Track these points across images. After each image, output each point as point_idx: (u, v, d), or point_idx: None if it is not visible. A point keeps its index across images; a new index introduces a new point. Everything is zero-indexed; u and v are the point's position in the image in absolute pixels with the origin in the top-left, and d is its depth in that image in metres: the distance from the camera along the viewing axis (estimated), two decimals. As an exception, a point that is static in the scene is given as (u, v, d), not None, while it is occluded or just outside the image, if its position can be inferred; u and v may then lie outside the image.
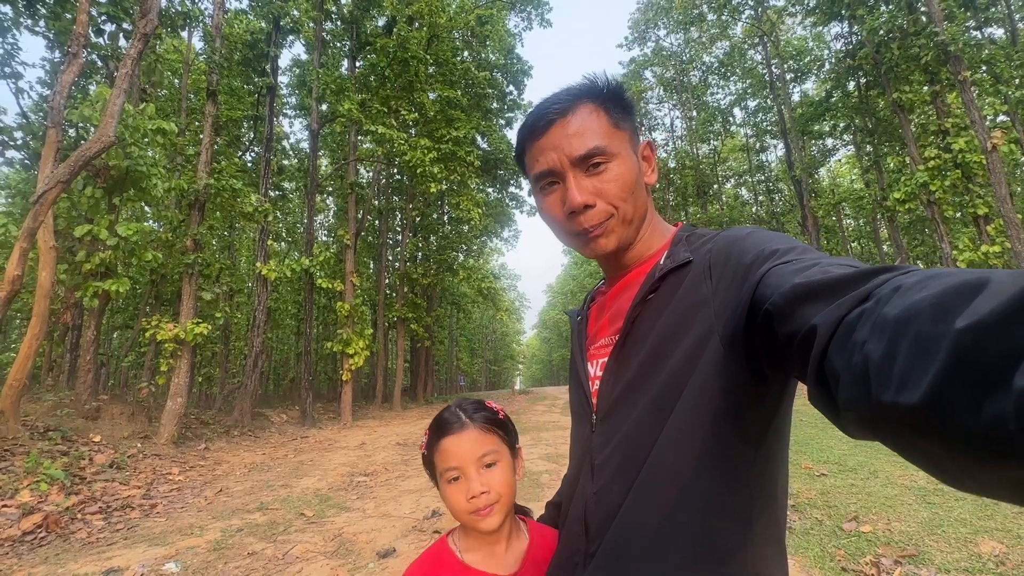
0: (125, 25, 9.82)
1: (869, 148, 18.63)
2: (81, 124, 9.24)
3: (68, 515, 4.50)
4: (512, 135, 21.52)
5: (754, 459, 0.61)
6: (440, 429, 0.85)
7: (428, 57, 14.72)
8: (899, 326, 0.30)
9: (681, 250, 0.71)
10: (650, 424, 0.64)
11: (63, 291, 8.28)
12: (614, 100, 0.74)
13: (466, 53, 18.23)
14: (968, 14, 13.56)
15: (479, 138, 18.49)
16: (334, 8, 15.11)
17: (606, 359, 0.73)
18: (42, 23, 10.11)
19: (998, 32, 15.78)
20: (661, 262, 0.72)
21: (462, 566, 0.84)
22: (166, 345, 8.95)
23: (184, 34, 13.70)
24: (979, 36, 14.43)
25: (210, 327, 9.58)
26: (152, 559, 3.56)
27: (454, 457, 0.82)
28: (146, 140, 7.64)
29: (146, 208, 12.48)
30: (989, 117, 13.96)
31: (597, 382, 0.75)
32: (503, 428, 0.87)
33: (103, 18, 9.64)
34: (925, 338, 0.28)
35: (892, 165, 18.15)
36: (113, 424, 7.59)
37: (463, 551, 0.86)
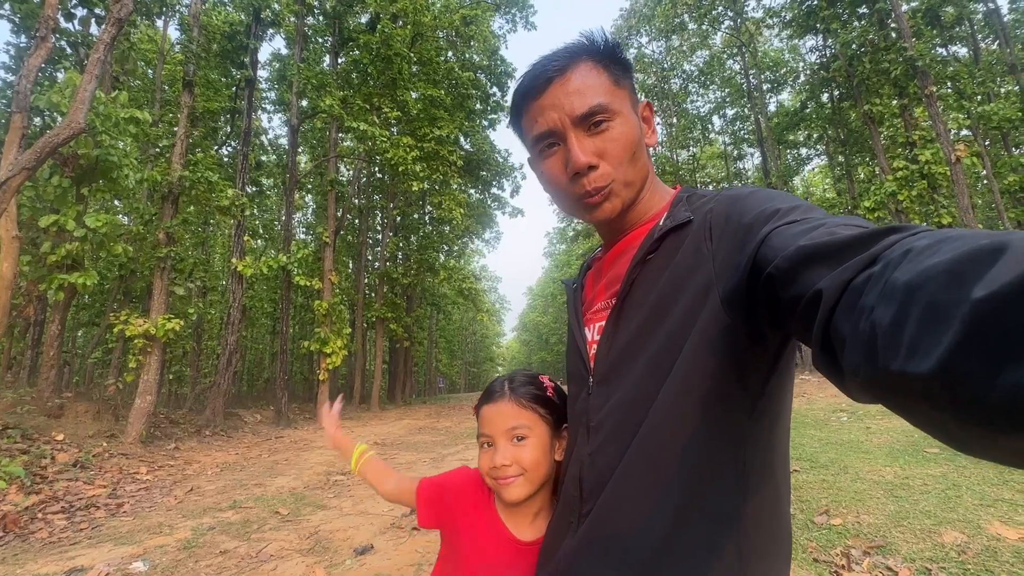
0: (97, 10, 9.52)
1: (841, 158, 19.24)
2: (48, 111, 8.90)
3: (28, 515, 4.30)
4: (495, 136, 21.58)
5: (751, 419, 0.61)
6: (485, 395, 0.89)
7: (412, 55, 14.65)
8: (909, 292, 0.29)
9: (681, 210, 0.69)
10: (647, 386, 0.63)
11: (25, 284, 7.94)
12: (613, 58, 0.71)
13: (450, 53, 18.19)
14: (935, 32, 14.16)
15: (462, 138, 18.47)
16: (316, 2, 14.91)
17: (603, 323, 0.72)
18: (7, 5, 9.71)
19: (962, 51, 16.51)
20: (660, 223, 0.70)
21: (492, 508, 0.89)
22: (135, 341, 8.66)
23: (159, 24, 13.35)
24: (944, 53, 15.08)
25: (182, 323, 9.31)
26: (118, 558, 3.44)
27: (487, 424, 0.86)
28: (118, 129, 7.39)
29: (116, 202, 12.10)
30: (953, 131, 14.57)
31: (594, 346, 0.73)
32: (547, 405, 0.87)
33: (74, 2, 9.33)
34: (938, 306, 0.27)
35: (862, 175, 18.79)
36: (77, 422, 7.31)
37: (498, 503, 0.90)
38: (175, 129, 11.78)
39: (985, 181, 18.58)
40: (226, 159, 16.30)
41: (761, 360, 0.59)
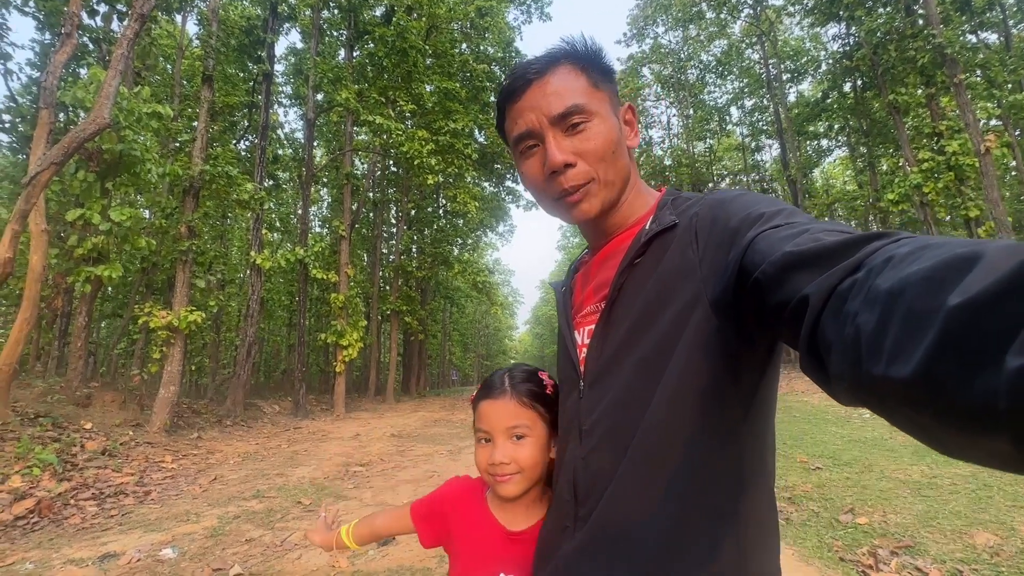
0: (119, 6, 9.65)
1: (863, 150, 18.79)
2: (72, 107, 9.06)
3: (61, 501, 4.44)
4: (509, 129, 21.42)
5: (746, 417, 0.62)
6: (484, 389, 0.89)
7: (427, 48, 14.59)
8: (890, 299, 0.30)
9: (667, 214, 0.70)
10: (640, 388, 0.64)
11: (52, 276, 8.13)
12: (593, 62, 0.73)
13: (464, 45, 18.09)
14: (964, 17, 13.69)
15: (477, 131, 18.41)
16: (332, -5, 14.93)
17: (593, 326, 0.73)
18: (32, 3, 9.90)
19: (991, 37, 15.94)
20: (647, 227, 0.71)
21: (483, 505, 0.90)
22: (159, 333, 8.84)
23: (178, 19, 13.50)
24: (974, 40, 14.57)
25: (203, 315, 9.48)
26: (148, 544, 3.53)
27: (486, 421, 0.85)
28: (140, 124, 7.49)
29: (138, 196, 12.31)
30: (982, 121, 14.13)
31: (584, 350, 0.74)
32: (546, 404, 0.86)
33: (97, -2, 9.46)
34: (917, 313, 0.28)
35: (885, 167, 18.34)
36: (104, 411, 7.50)
37: (491, 495, 0.91)
38: (194, 124, 11.92)
39: (1014, 172, 18.01)
40: (244, 153, 16.47)
41: (753, 359, 0.61)
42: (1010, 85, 13.86)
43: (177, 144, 12.48)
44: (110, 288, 12.36)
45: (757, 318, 0.51)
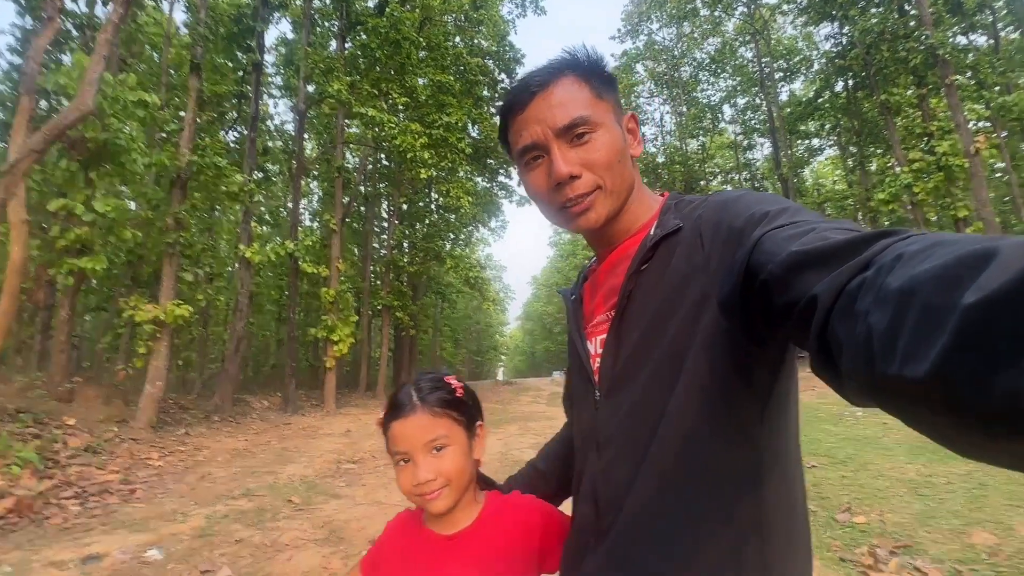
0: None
1: (854, 149, 18.95)
2: (54, 94, 8.80)
3: (41, 500, 4.31)
4: (502, 123, 21.26)
5: (762, 420, 0.61)
6: (392, 410, 0.83)
7: (421, 40, 14.40)
8: (903, 297, 0.29)
9: (671, 218, 0.70)
10: (655, 396, 0.64)
11: (34, 268, 7.91)
12: (596, 72, 0.73)
13: (458, 38, 17.88)
14: (955, 19, 13.81)
15: (470, 125, 18.26)
16: (324, -15, 14.67)
17: (605, 336, 0.72)
18: (13, -14, 9.60)
19: (980, 40, 16.12)
20: (652, 232, 0.70)
21: (421, 526, 0.88)
22: (145, 327, 8.65)
23: (165, 6, 13.19)
24: (964, 42, 14.72)
25: (191, 309, 9.30)
26: (133, 545, 3.42)
27: (401, 442, 0.81)
28: (126, 112, 7.29)
29: (123, 187, 12.03)
30: (971, 122, 14.27)
31: (597, 360, 0.74)
32: (459, 408, 0.84)
33: (80, -18, 9.19)
34: (930, 311, 0.27)
35: (876, 166, 18.51)
36: (88, 407, 7.32)
37: (426, 516, 0.89)
38: (181, 114, 11.66)
39: (999, 174, 18.26)
40: (233, 144, 16.19)
41: (765, 360, 0.60)
42: (998, 87, 14.02)
43: (164, 134, 12.21)
44: (94, 281, 12.08)
45: (766, 319, 0.50)
